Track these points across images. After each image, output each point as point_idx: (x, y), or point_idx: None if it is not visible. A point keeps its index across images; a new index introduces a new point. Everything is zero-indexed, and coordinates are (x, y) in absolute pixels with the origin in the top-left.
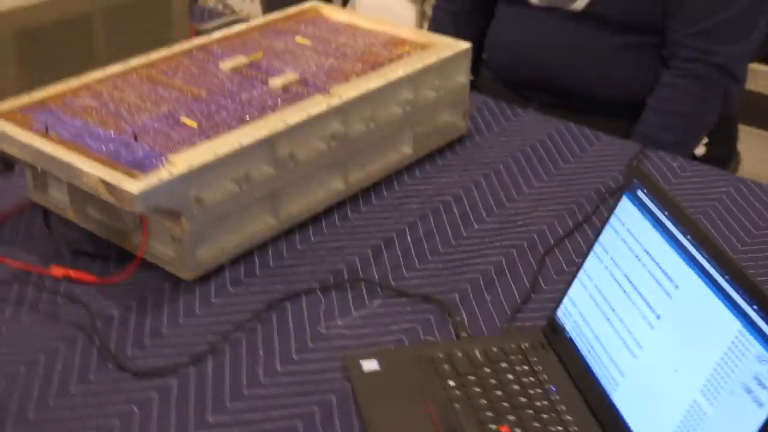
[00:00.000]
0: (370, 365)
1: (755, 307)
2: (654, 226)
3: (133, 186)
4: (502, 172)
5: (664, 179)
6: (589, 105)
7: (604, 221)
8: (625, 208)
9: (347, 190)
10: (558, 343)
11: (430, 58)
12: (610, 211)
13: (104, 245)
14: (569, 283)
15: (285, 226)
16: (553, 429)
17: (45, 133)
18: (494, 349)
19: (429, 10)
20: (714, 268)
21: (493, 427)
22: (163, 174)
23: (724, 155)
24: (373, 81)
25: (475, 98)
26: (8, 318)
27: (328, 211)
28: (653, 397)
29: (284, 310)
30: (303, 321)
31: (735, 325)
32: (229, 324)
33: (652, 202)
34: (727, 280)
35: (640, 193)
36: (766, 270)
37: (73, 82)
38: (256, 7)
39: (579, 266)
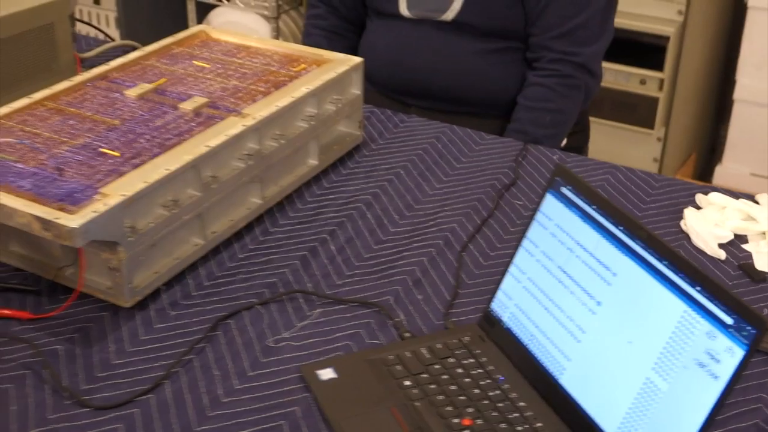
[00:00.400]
0: (326, 374)
1: (698, 288)
2: (583, 220)
3: (72, 221)
4: (404, 176)
5: (549, 172)
6: (463, 107)
7: (530, 218)
8: (551, 204)
9: (265, 205)
10: (496, 335)
11: (329, 74)
12: (535, 208)
13: (32, 280)
14: (501, 278)
15: (212, 245)
16: (510, 416)
17: None
18: (439, 346)
19: (284, 27)
20: (652, 255)
21: (456, 421)
22: (99, 206)
23: (581, 144)
24: (281, 99)
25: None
26: None
27: (249, 227)
28: (603, 378)
29: (228, 328)
30: (250, 337)
31: (680, 306)
32: (176, 347)
33: (578, 198)
34: (666, 266)
35: (564, 190)
36: None
37: None
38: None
39: (509, 261)
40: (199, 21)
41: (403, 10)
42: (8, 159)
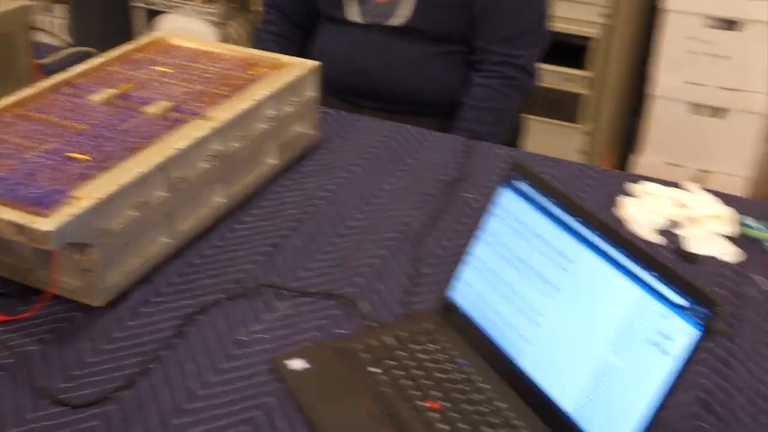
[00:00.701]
0: (298, 364)
1: (654, 274)
2: (540, 212)
3: (46, 224)
4: (359, 173)
5: (496, 167)
6: (411, 107)
7: (488, 212)
8: (507, 198)
9: (229, 204)
10: (457, 321)
11: (287, 77)
12: (492, 202)
13: (1, 283)
14: (458, 267)
15: (180, 243)
16: (474, 398)
17: None
18: (403, 334)
19: (232, 33)
20: (607, 243)
21: (424, 404)
22: (72, 209)
23: (513, 140)
24: (243, 102)
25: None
26: None
27: (214, 225)
28: (561, 359)
29: (199, 323)
30: (221, 331)
31: (635, 290)
32: (150, 343)
33: (535, 191)
34: (622, 254)
35: (520, 185)
36: None
37: None
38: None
39: (465, 251)
40: (146, 27)
41: (354, 15)
42: None
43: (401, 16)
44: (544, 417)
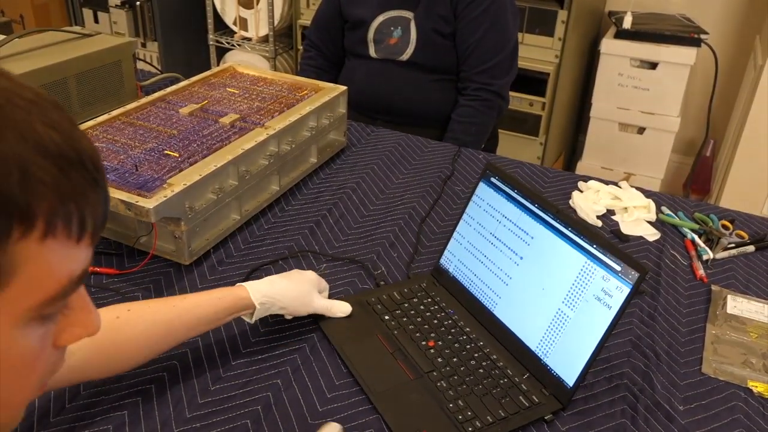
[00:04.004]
0: None
1: (595, 246)
2: (507, 200)
3: (148, 203)
4: (376, 171)
5: (477, 167)
6: (413, 120)
7: (468, 200)
8: (483, 190)
9: (281, 191)
10: (445, 282)
11: (324, 98)
12: (471, 192)
13: (115, 246)
14: (447, 241)
15: (245, 219)
16: (461, 338)
17: None
18: (405, 290)
19: (279, 65)
20: (560, 223)
21: (423, 343)
22: (167, 192)
23: (493, 148)
24: (292, 115)
25: None
26: None
27: (270, 207)
28: (527, 310)
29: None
30: None
31: (581, 258)
32: None
33: (504, 184)
34: (570, 230)
35: (493, 179)
36: None
37: None
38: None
39: (452, 230)
40: (218, 60)
41: (373, 53)
42: None
43: (407, 53)
44: (514, 353)
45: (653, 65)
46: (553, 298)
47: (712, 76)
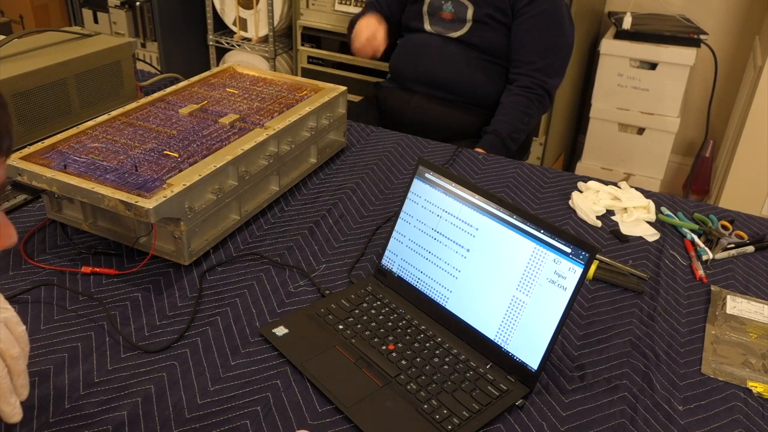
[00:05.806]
0: (280, 330)
1: (542, 231)
2: (446, 195)
3: (148, 204)
4: (376, 171)
5: (476, 167)
6: (453, 96)
7: (403, 198)
8: (418, 186)
9: (281, 191)
10: (390, 282)
11: (324, 98)
12: (406, 190)
13: (115, 246)
14: (386, 242)
15: (245, 220)
16: (418, 337)
17: (64, 170)
18: (352, 296)
19: (278, 65)
20: (504, 213)
21: (384, 347)
22: (166, 193)
23: (528, 144)
24: (292, 116)
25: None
26: (57, 306)
27: (270, 207)
28: (481, 300)
29: (261, 277)
30: (275, 285)
31: (530, 245)
32: (224, 293)
33: (440, 179)
34: (516, 218)
35: (428, 175)
36: (552, 215)
37: (72, 130)
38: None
39: (390, 230)
40: (217, 60)
41: (427, 26)
42: (97, 159)
43: (460, 30)
44: (474, 345)
45: (653, 66)
46: (507, 286)
47: (711, 77)
